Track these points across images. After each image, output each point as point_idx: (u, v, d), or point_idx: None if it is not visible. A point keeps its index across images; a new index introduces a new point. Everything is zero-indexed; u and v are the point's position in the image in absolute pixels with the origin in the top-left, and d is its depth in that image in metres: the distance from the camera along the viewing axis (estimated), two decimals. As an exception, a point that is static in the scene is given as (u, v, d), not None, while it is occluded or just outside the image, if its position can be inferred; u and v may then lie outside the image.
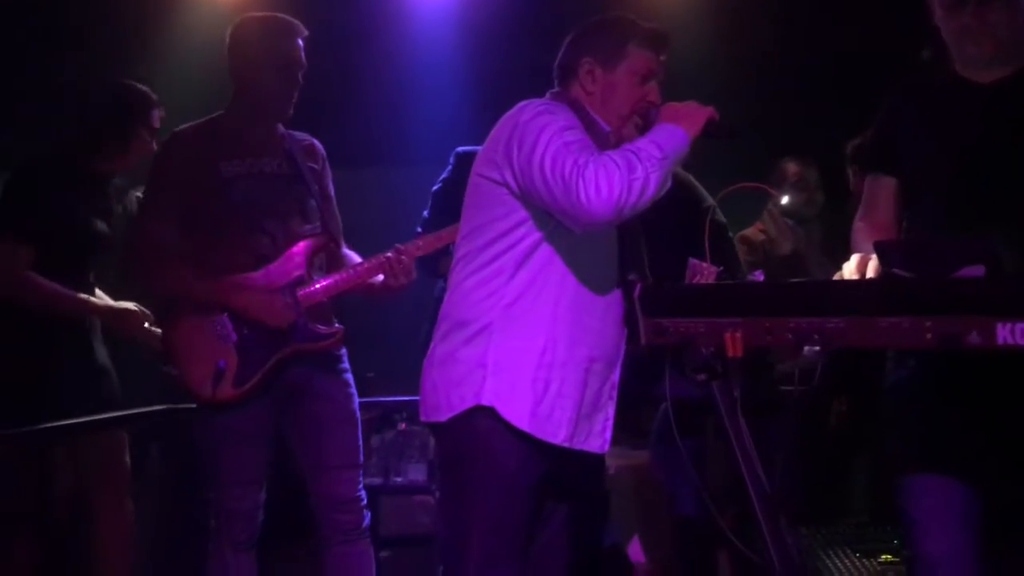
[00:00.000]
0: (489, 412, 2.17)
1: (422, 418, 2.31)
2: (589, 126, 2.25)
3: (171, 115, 3.81)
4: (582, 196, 2.03)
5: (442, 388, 2.23)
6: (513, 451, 2.18)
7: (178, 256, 2.90)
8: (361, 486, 3.03)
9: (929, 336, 1.67)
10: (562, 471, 2.28)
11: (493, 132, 2.26)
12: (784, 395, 3.30)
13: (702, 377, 1.87)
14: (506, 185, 2.20)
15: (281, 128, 3.02)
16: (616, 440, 4.12)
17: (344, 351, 3.04)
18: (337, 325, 3.01)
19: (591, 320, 2.23)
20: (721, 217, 3.20)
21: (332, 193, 3.12)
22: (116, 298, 3.35)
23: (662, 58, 2.34)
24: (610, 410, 2.32)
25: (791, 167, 4.12)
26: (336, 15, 3.19)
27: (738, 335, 1.79)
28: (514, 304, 2.19)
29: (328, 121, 3.09)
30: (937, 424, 2.13)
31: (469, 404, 2.18)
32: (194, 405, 2.88)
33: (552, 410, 2.18)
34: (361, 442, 3.06)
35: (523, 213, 2.20)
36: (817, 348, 1.78)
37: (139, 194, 3.56)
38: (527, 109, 2.21)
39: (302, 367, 2.92)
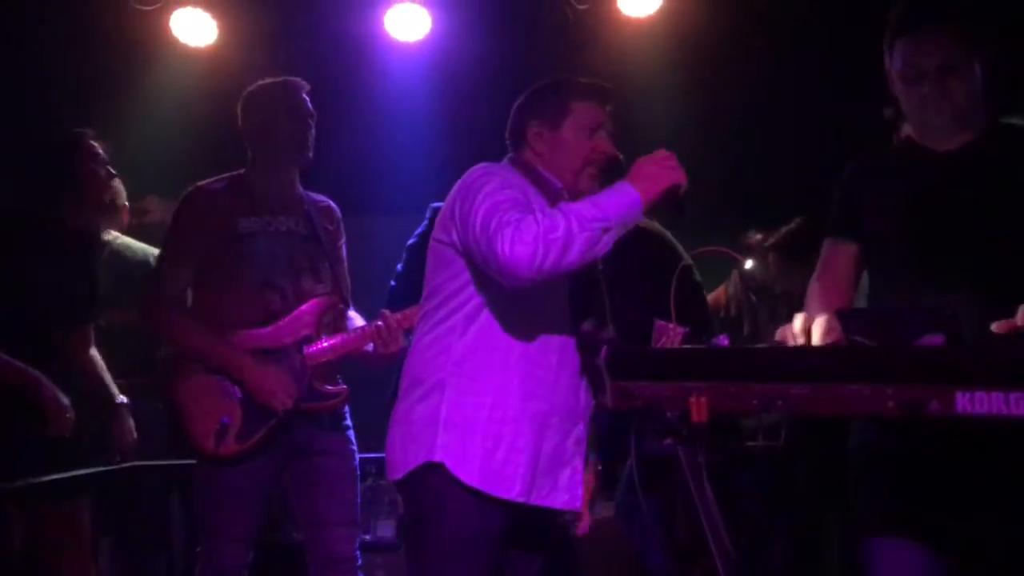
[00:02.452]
0: (440, 469, 2.19)
1: (387, 476, 2.33)
2: (542, 186, 2.31)
3: (151, 163, 3.80)
4: (498, 253, 2.07)
5: (399, 445, 2.26)
6: (465, 508, 2.19)
7: (191, 311, 2.94)
8: (357, 545, 3.02)
9: (890, 404, 1.69)
10: (527, 526, 2.29)
11: (448, 196, 2.31)
12: (750, 450, 3.31)
13: (668, 441, 1.88)
14: (453, 246, 2.26)
15: (300, 188, 3.08)
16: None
17: (347, 408, 3.05)
18: (342, 385, 3.02)
19: (545, 374, 2.26)
20: (697, 276, 3.23)
21: (344, 255, 3.17)
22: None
23: (608, 108, 2.40)
24: (578, 463, 2.31)
25: (753, 240, 4.21)
26: (313, 67, 3.24)
27: (703, 400, 1.80)
28: (465, 360, 2.23)
29: (306, 170, 3.12)
30: (899, 488, 2.15)
31: (421, 461, 2.21)
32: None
33: (504, 465, 2.20)
34: (359, 500, 3.06)
35: (471, 272, 2.25)
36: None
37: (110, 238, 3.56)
38: (473, 172, 2.27)
39: (306, 425, 2.94)
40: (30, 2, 4.43)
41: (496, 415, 2.21)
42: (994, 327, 1.84)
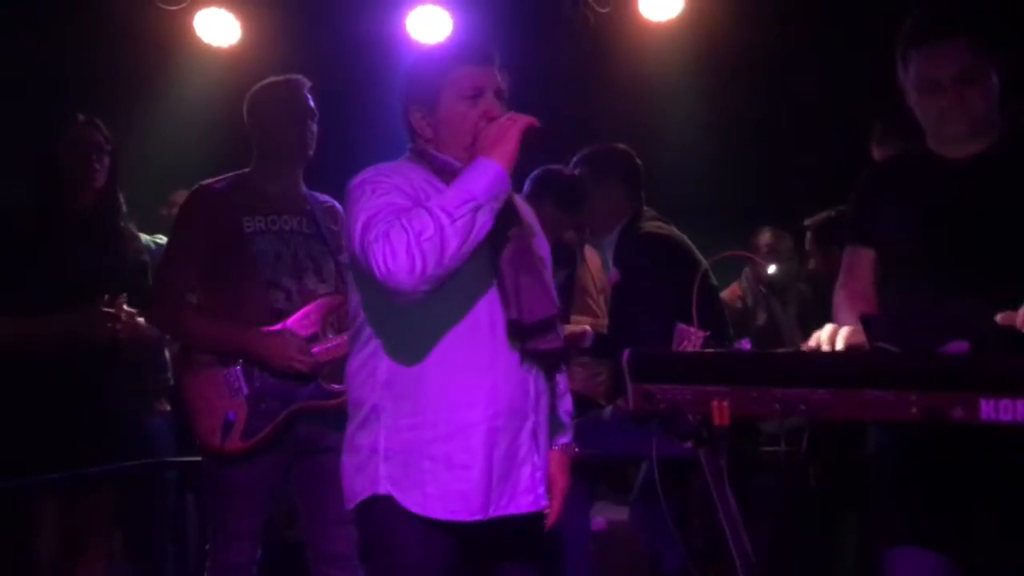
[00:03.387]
0: (387, 501, 2.08)
1: (345, 506, 2.22)
2: (440, 171, 2.16)
3: (175, 160, 3.80)
4: (376, 273, 1.96)
5: (348, 476, 2.17)
6: (416, 539, 2.07)
7: (196, 305, 2.96)
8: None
9: (914, 410, 1.68)
10: (502, 540, 2.16)
11: None
12: (767, 455, 3.30)
13: (689, 444, 1.88)
14: (352, 267, 2.17)
15: (304, 188, 3.10)
16: (600, 495, 4.10)
17: None
18: None
19: (479, 378, 2.10)
20: (713, 280, 3.23)
21: None
22: None
23: (487, 68, 2.17)
24: (536, 459, 2.15)
25: (763, 238, 4.21)
26: (335, 68, 3.27)
27: (725, 403, 1.80)
28: (393, 382, 2.11)
29: (317, 169, 3.13)
30: (918, 495, 2.14)
31: (368, 494, 2.11)
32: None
33: (454, 484, 2.07)
34: None
35: (373, 291, 2.08)
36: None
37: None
38: (351, 182, 2.14)
39: (312, 423, 2.94)
40: (55, 2, 4.47)
41: (434, 433, 2.07)
42: (998, 319, 1.84)
